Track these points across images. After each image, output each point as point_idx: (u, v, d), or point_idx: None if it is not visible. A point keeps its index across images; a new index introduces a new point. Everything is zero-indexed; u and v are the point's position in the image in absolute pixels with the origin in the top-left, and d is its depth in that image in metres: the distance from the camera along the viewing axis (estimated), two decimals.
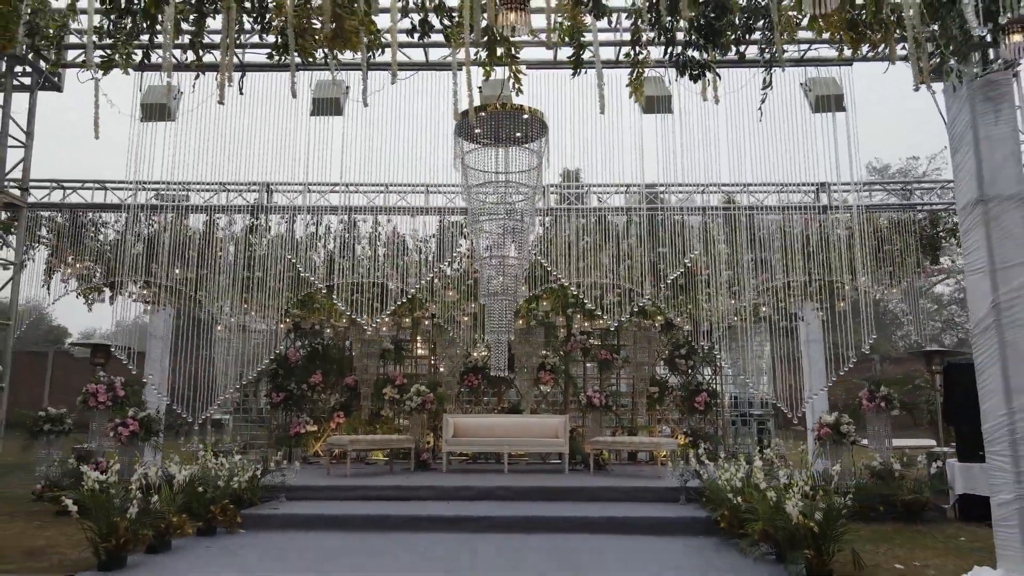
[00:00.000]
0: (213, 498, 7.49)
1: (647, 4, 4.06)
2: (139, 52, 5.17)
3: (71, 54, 6.33)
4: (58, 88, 5.51)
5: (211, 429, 11.69)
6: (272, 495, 8.70)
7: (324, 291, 9.88)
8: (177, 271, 9.37)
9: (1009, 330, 5.01)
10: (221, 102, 4.74)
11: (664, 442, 10.69)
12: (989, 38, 4.94)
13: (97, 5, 4.76)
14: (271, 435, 12.53)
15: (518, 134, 5.40)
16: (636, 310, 10.25)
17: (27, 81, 5.31)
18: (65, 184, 9.99)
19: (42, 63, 5.35)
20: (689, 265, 9.76)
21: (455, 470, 10.92)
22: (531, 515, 7.98)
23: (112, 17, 4.63)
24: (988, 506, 5.33)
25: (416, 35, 4.73)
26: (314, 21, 4.40)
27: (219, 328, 9.90)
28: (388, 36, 4.73)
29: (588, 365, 13.09)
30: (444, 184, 9.37)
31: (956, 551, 6.83)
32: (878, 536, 7.57)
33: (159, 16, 4.46)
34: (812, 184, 9.40)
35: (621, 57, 5.37)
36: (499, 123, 4.99)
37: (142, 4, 4.20)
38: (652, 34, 4.24)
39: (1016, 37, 4.22)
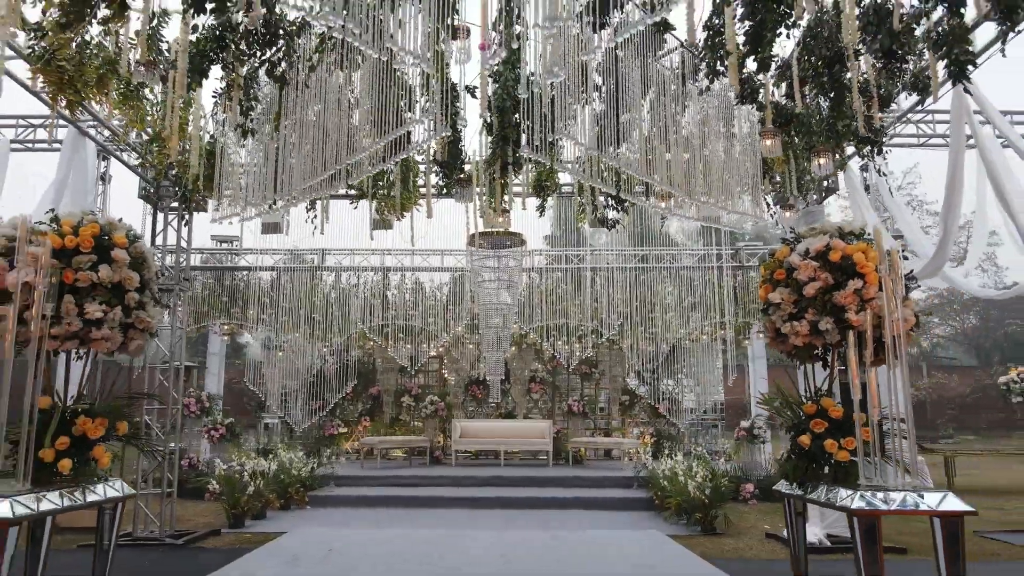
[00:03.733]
0: (289, 483, 10.79)
1: (579, 186, 7.27)
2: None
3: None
4: (204, 209, 8.76)
5: (263, 431, 14.99)
6: (324, 482, 11.97)
7: (367, 330, 13.23)
8: (251, 311, 12.74)
9: None
10: (322, 233, 8.04)
11: (627, 442, 14.01)
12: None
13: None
14: (308, 436, 15.83)
15: (507, 242, 8.69)
16: (600, 342, 13.61)
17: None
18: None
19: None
20: (620, 323, 13.17)
21: (462, 464, 14.21)
22: (520, 496, 11.27)
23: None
24: None
25: (443, 191, 8.01)
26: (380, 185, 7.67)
27: (279, 354, 13.25)
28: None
29: (572, 376, 16.36)
30: (456, 249, 12.75)
31: None
32: (771, 511, 10.83)
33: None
34: (732, 248, 12.74)
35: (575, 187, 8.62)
36: (496, 241, 8.27)
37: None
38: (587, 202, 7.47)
39: (787, 213, 7.46)
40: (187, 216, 8.26)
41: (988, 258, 32.71)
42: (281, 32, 4.74)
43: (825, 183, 8.53)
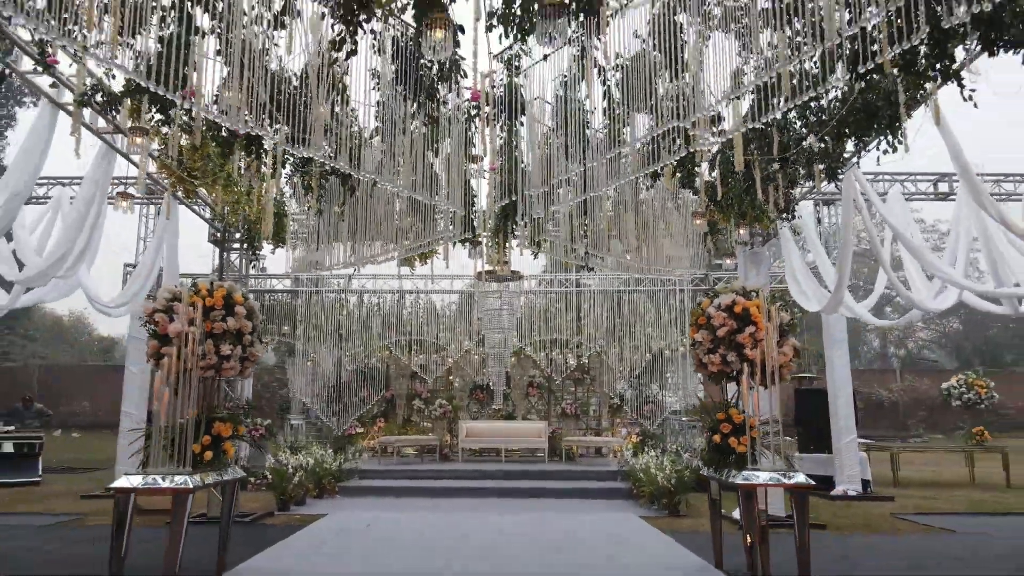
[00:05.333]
0: (323, 475, 12.94)
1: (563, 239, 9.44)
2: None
3: None
4: (261, 249, 10.92)
5: (289, 430, 17.16)
6: (350, 475, 14.10)
7: (388, 344, 15.45)
8: (286, 327, 14.97)
9: None
10: (358, 272, 10.19)
11: (614, 440, 16.18)
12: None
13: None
14: (329, 434, 17.98)
15: (508, 277, 10.85)
16: (589, 353, 15.84)
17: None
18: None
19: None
20: (603, 340, 15.45)
21: (468, 460, 16.36)
22: (519, 487, 13.43)
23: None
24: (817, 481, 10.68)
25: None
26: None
27: (309, 363, 15.44)
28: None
29: (566, 382, 18.49)
30: (464, 275, 15.03)
31: None
32: (731, 498, 12.97)
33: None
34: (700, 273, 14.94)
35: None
36: (498, 277, 10.44)
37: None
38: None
39: (728, 260, 9.59)
40: (255, 260, 10.47)
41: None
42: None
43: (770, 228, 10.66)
